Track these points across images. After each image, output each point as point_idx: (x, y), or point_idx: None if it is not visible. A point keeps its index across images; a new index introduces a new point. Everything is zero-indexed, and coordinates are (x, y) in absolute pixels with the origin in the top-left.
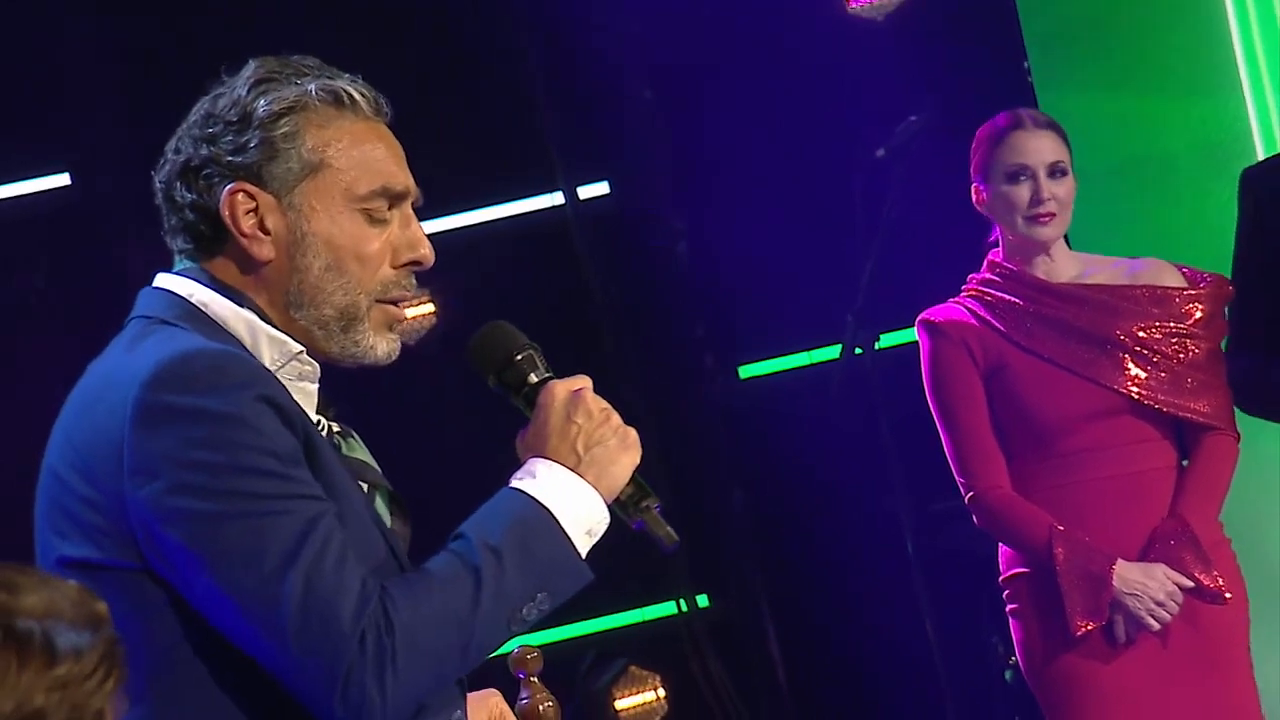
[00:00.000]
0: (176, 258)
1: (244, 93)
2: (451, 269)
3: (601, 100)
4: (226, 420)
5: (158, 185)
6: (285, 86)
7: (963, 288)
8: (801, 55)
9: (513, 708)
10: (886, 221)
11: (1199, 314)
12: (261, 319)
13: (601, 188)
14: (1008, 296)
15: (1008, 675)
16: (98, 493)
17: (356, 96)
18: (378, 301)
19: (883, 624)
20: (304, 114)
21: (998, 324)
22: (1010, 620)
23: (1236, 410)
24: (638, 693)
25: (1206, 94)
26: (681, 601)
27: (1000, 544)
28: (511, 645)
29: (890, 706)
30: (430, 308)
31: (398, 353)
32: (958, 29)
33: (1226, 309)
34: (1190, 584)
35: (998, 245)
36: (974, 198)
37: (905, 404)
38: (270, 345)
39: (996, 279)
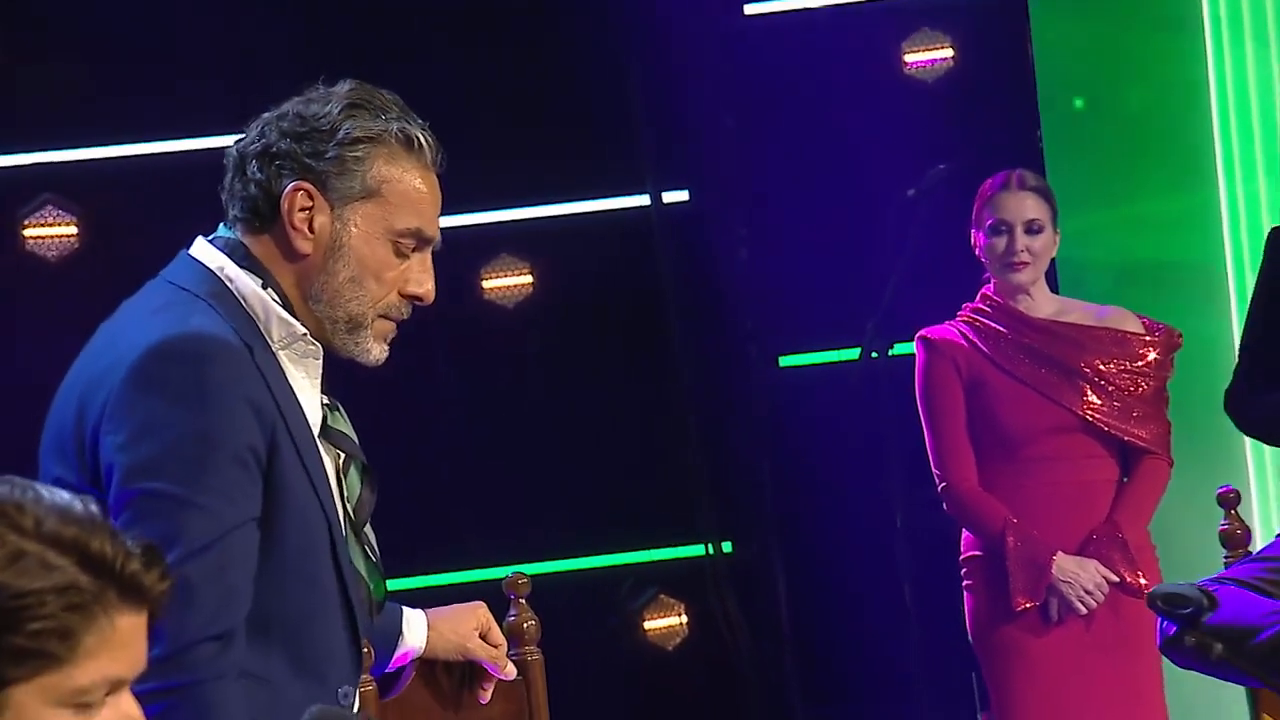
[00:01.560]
0: (223, 224)
1: (336, 110)
2: (549, 249)
3: (689, 122)
4: (204, 409)
5: (234, 152)
6: (372, 118)
7: (957, 313)
8: (856, 104)
9: (501, 623)
10: (909, 250)
11: (1151, 357)
12: (278, 299)
13: (682, 195)
14: (993, 324)
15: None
16: (85, 426)
17: (424, 145)
18: (380, 316)
19: (870, 582)
20: (379, 146)
21: (982, 346)
22: (965, 593)
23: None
24: (664, 617)
25: (1185, 191)
26: (709, 546)
27: (963, 528)
28: (507, 570)
29: (871, 650)
30: (529, 279)
31: (385, 358)
32: (985, 96)
33: (1174, 355)
34: (1116, 579)
35: (990, 281)
36: (971, 242)
37: (907, 403)
38: (279, 326)
39: (986, 309)
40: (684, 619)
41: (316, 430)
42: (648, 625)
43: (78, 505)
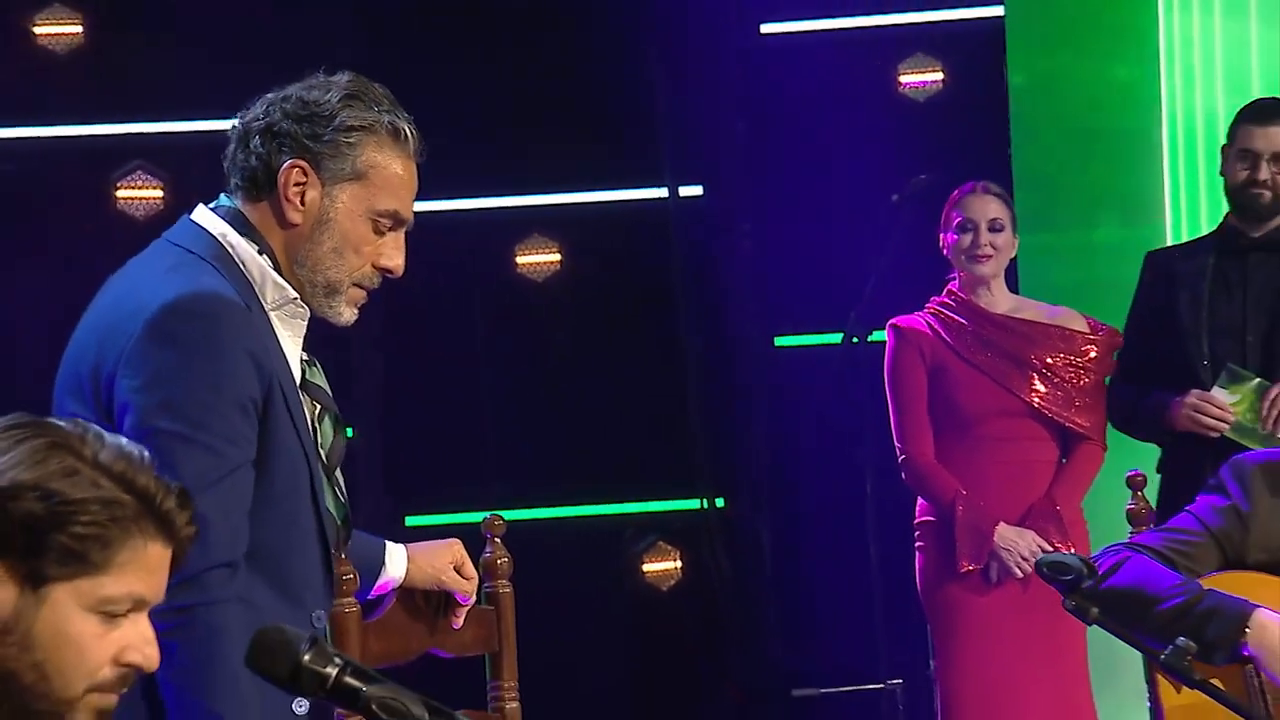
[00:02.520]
0: (224, 193)
1: (335, 98)
2: (576, 232)
3: (705, 126)
4: (214, 362)
5: (239, 126)
6: (366, 108)
7: (925, 305)
8: (853, 117)
9: (476, 561)
10: (891, 249)
11: (1093, 354)
12: (271, 264)
13: (696, 190)
14: (956, 317)
15: None
16: (102, 370)
17: (409, 137)
18: (354, 285)
19: (841, 538)
20: (370, 135)
21: (945, 336)
22: (916, 554)
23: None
24: (662, 561)
25: (1137, 223)
26: (704, 501)
27: (918, 496)
28: (482, 515)
29: (839, 598)
30: (558, 257)
31: (354, 320)
32: (964, 116)
33: (1115, 353)
34: (1050, 548)
35: (955, 279)
36: (940, 243)
37: (882, 384)
38: (273, 289)
39: (950, 303)
40: (679, 564)
41: (298, 381)
42: (647, 568)
43: (132, 448)
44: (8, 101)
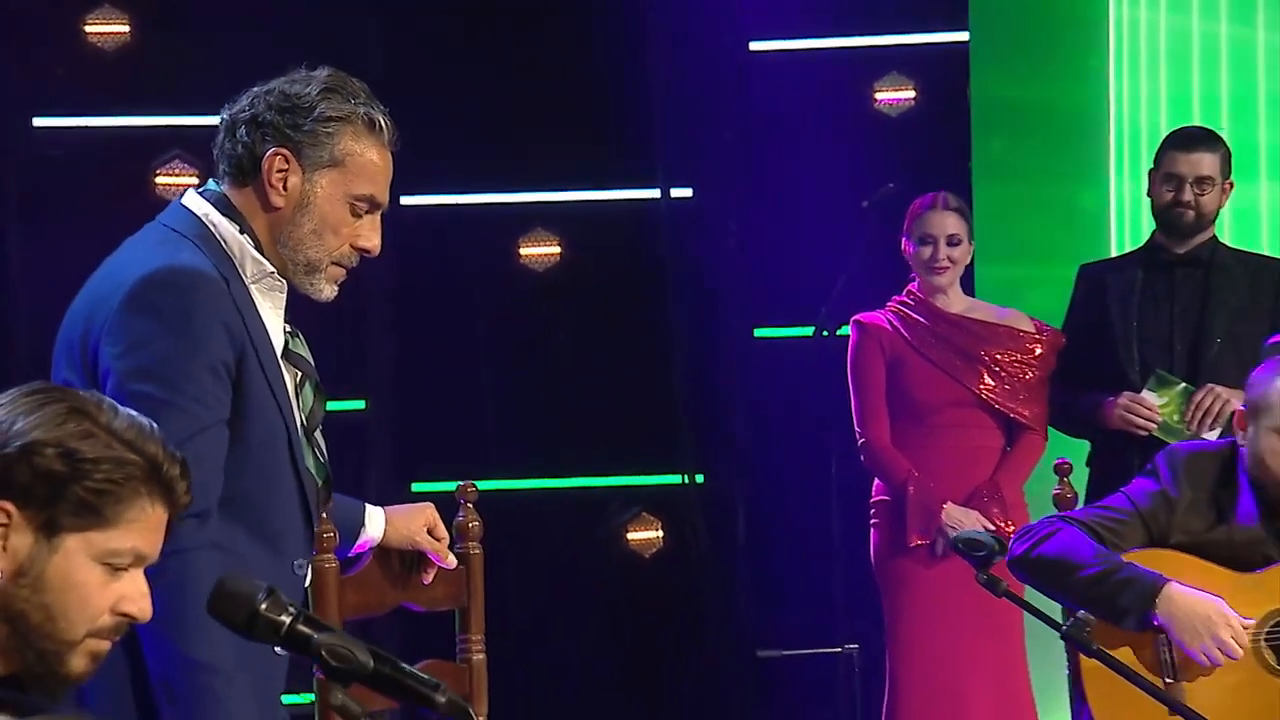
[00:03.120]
0: (212, 179)
1: (314, 91)
2: (574, 227)
3: (697, 133)
4: (187, 329)
5: (226, 117)
6: (343, 101)
7: (887, 304)
8: (830, 130)
9: (451, 524)
10: (859, 250)
11: (1038, 351)
12: (252, 242)
13: (686, 191)
14: (914, 315)
15: None
16: (89, 339)
17: (384, 128)
18: (333, 263)
19: (808, 514)
20: (347, 125)
21: (904, 331)
22: (871, 529)
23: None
24: (644, 530)
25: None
26: (685, 476)
27: (874, 477)
28: (485, 484)
29: (805, 568)
30: (558, 249)
31: (334, 297)
32: (928, 130)
33: (1058, 352)
34: (992, 527)
35: (915, 280)
36: (902, 248)
37: (846, 374)
38: (252, 264)
39: (909, 302)
40: (661, 534)
41: (279, 351)
42: (631, 536)
43: (141, 420)
44: (58, 93)
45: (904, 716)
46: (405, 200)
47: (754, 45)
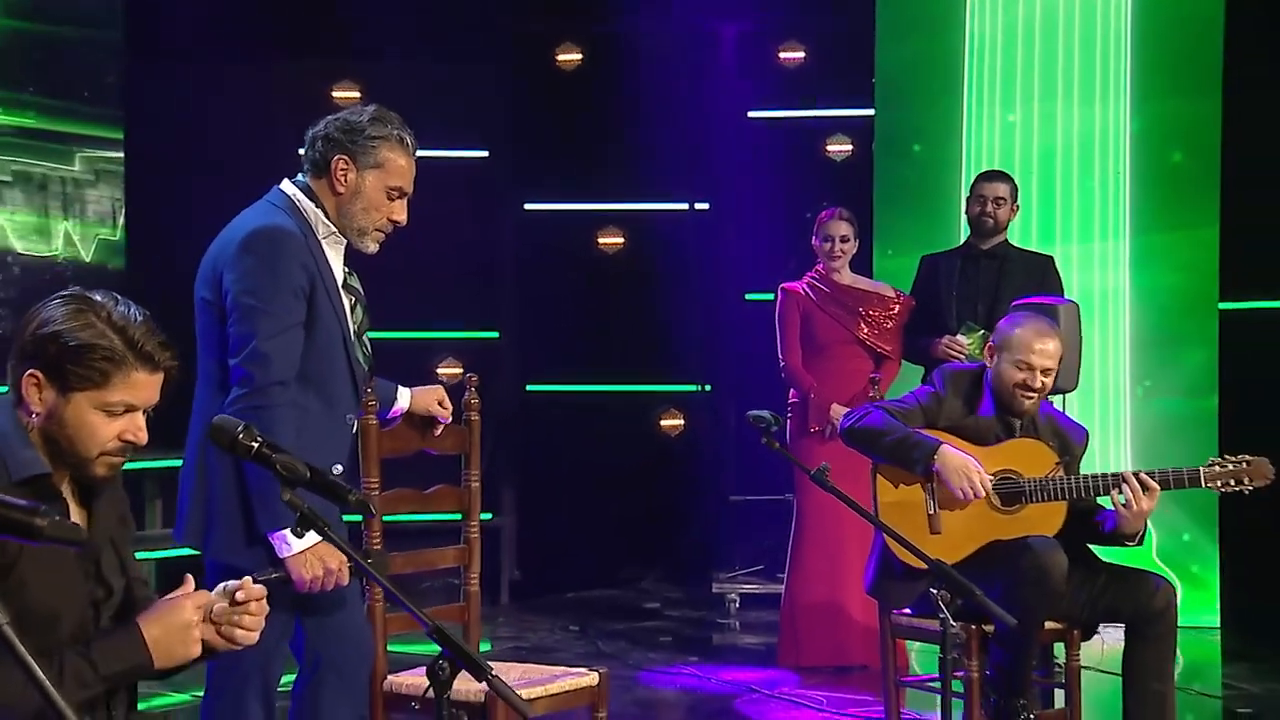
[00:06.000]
0: (300, 173)
1: (365, 119)
2: (632, 226)
3: (712, 167)
4: (276, 266)
5: (310, 135)
6: (383, 126)
7: (803, 277)
8: (800, 170)
9: (460, 403)
10: (804, 246)
11: (895, 309)
12: (322, 214)
13: (705, 205)
14: (819, 285)
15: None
16: (219, 269)
17: (410, 143)
18: (376, 229)
19: (769, 407)
20: (385, 142)
21: (812, 295)
22: (788, 419)
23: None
24: (671, 420)
25: (941, 206)
26: (700, 385)
27: (791, 388)
28: (567, 387)
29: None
30: (622, 240)
31: (376, 250)
32: (856, 170)
33: (910, 311)
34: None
35: (820, 263)
36: (812, 242)
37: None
38: (322, 227)
39: (815, 277)
40: (683, 422)
41: (340, 283)
42: (663, 423)
43: (135, 312)
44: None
45: (804, 540)
46: (527, 206)
47: (751, 113)
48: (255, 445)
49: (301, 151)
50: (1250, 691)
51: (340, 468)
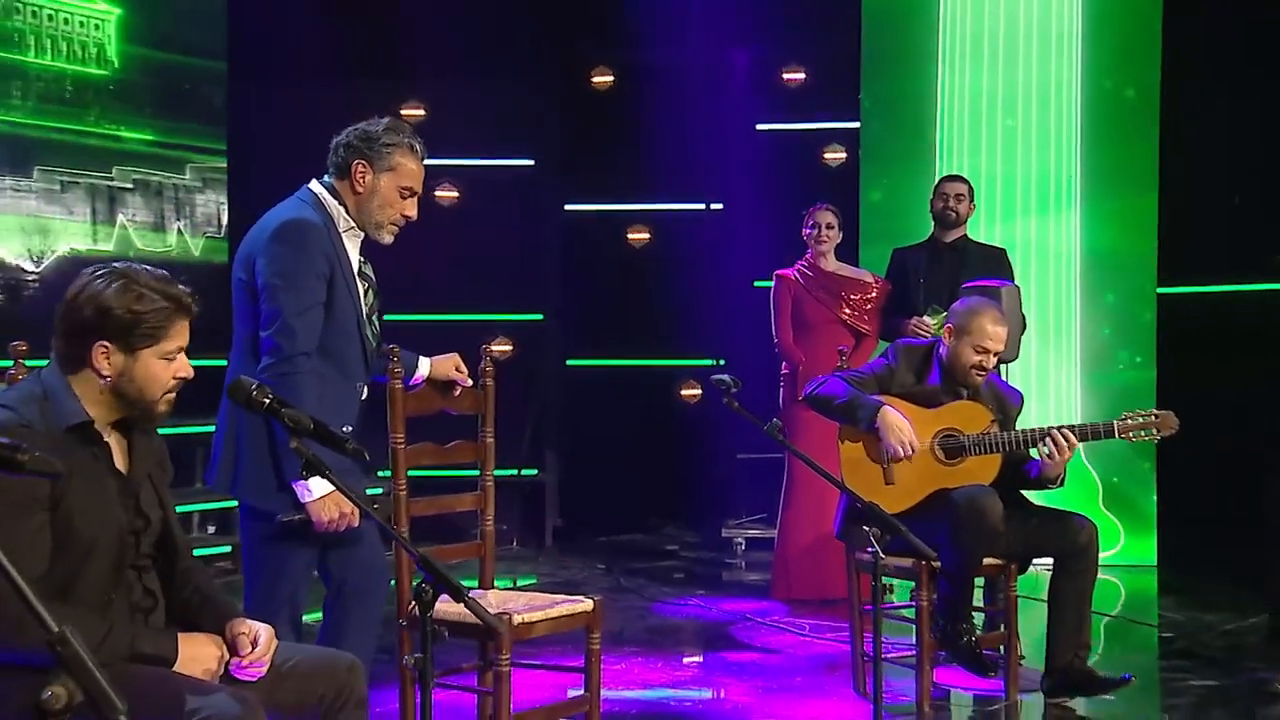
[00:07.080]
0: (325, 174)
1: (380, 129)
2: (658, 224)
3: (726, 173)
4: (302, 253)
5: (334, 141)
6: (398, 134)
7: (795, 264)
8: (801, 176)
9: (476, 367)
10: (800, 239)
11: (874, 294)
12: (343, 210)
13: (719, 205)
14: (808, 271)
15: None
16: (254, 254)
17: (419, 150)
18: (390, 223)
19: (774, 379)
20: (398, 148)
21: (801, 280)
22: (780, 389)
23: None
24: (690, 389)
25: (916, 206)
26: (715, 360)
27: (783, 362)
28: (599, 362)
29: (769, 411)
30: (648, 235)
31: (392, 242)
32: (847, 173)
33: (884, 295)
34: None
35: (809, 251)
36: (802, 234)
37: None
38: (343, 222)
39: (805, 264)
40: (699, 391)
41: (356, 270)
42: (684, 392)
43: (164, 274)
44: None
45: (794, 488)
46: (568, 207)
47: (758, 126)
48: (267, 401)
49: (327, 159)
50: (1176, 619)
51: (350, 428)
